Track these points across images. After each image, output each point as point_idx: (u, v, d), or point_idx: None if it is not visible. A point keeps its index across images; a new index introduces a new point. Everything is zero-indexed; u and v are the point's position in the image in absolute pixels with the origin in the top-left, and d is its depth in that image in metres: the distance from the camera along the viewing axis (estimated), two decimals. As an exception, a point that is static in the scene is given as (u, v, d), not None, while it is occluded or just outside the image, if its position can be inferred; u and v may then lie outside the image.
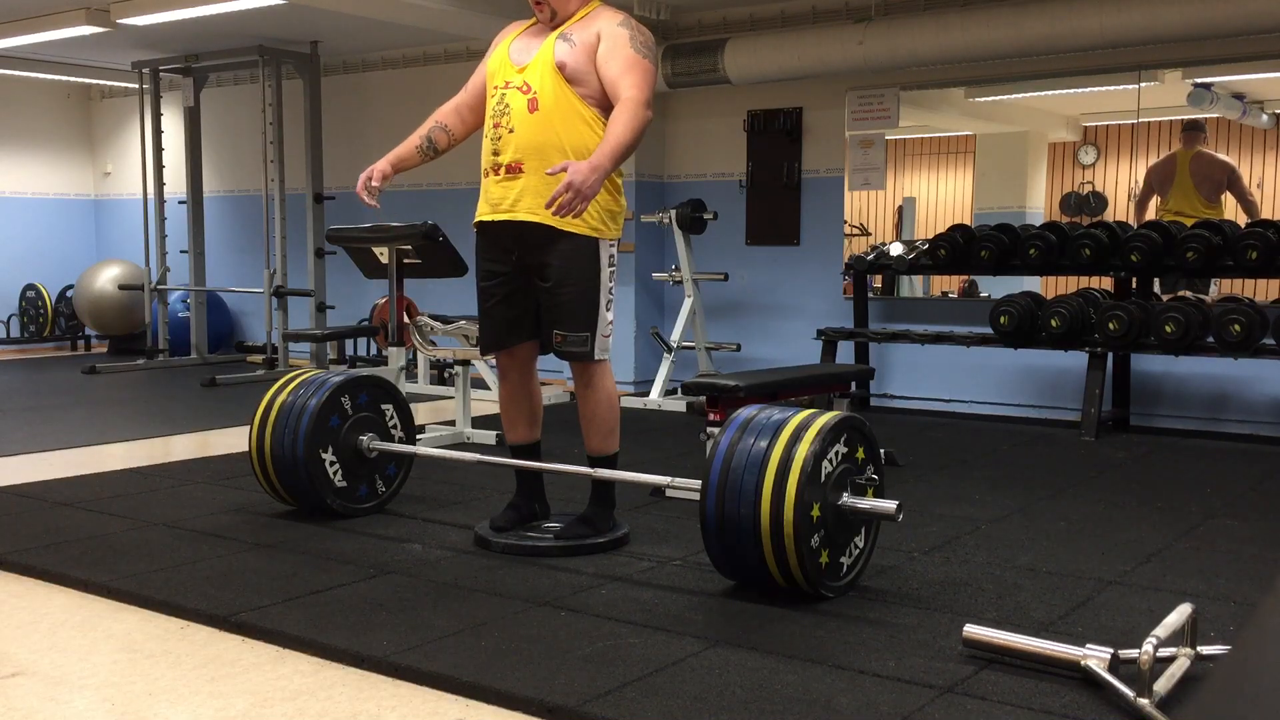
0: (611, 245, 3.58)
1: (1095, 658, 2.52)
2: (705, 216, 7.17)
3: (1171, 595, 3.13)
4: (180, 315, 9.91)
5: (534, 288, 3.59)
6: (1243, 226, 6.05)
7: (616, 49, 3.42)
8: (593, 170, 3.19)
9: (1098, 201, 8.16)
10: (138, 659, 2.77)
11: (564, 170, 3.18)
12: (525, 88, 3.47)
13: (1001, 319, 6.23)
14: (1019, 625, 2.88)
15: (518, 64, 3.52)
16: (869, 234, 8.12)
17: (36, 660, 2.77)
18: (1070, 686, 2.52)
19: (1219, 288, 7.02)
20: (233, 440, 5.68)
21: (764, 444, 3.05)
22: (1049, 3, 6.04)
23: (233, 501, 4.36)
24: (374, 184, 3.71)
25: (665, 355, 7.09)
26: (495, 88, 3.57)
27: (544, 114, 3.44)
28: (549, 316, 3.60)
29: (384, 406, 4.20)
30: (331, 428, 4.00)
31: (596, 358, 3.59)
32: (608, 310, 3.59)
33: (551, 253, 3.51)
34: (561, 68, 3.44)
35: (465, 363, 5.85)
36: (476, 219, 3.65)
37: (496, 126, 3.53)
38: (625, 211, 3.66)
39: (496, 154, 3.53)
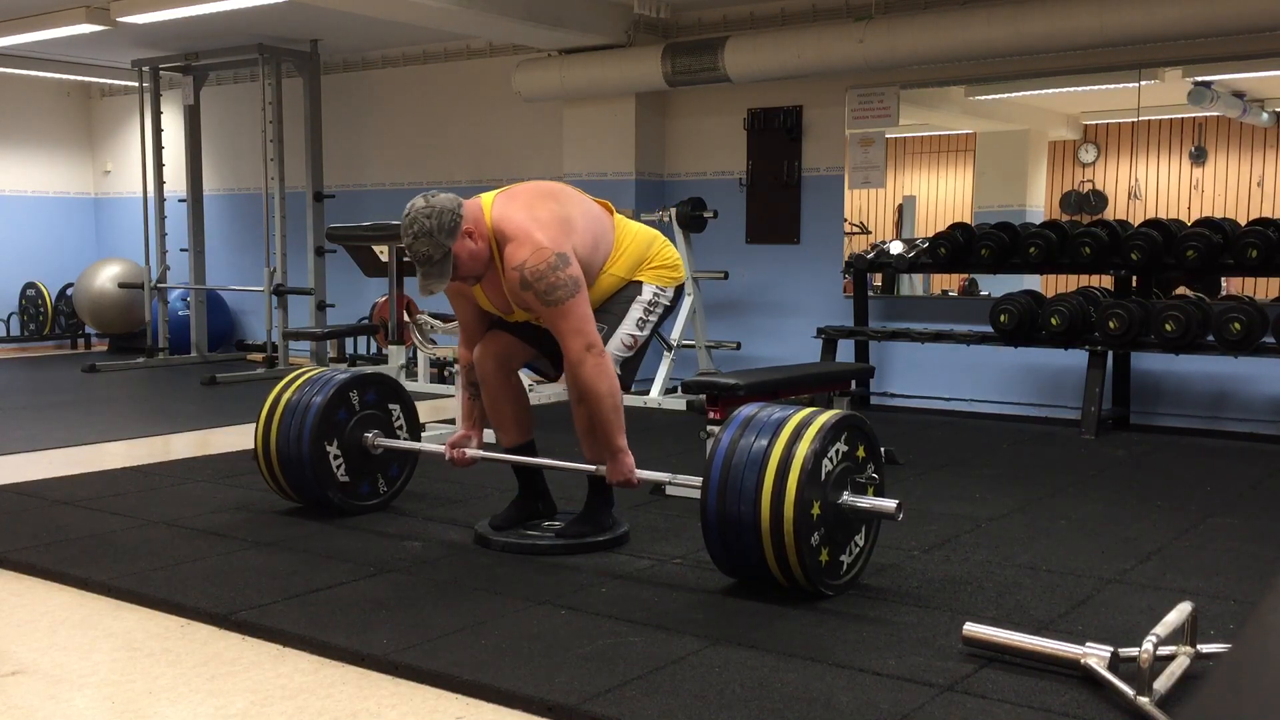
0: (655, 290, 3.68)
1: (1095, 656, 2.52)
2: (705, 215, 7.17)
3: (1171, 593, 3.13)
4: (180, 314, 9.92)
5: None
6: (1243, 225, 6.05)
7: (535, 309, 3.45)
8: (611, 464, 3.49)
9: (1098, 200, 8.16)
10: (138, 657, 2.78)
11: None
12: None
13: (1002, 317, 6.23)
14: (1019, 623, 2.88)
15: (503, 312, 3.62)
16: (869, 232, 8.13)
17: (37, 658, 2.77)
18: (1070, 685, 2.52)
19: (1227, 286, 7.02)
20: (233, 438, 5.68)
21: (764, 442, 3.05)
22: (1049, 1, 6.04)
23: (233, 500, 4.37)
24: (452, 457, 3.79)
25: (665, 353, 7.08)
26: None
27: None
28: None
29: (391, 406, 4.20)
30: (338, 421, 4.00)
31: (608, 348, 3.60)
32: (637, 329, 3.65)
33: None
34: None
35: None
36: None
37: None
38: (661, 261, 3.71)
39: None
